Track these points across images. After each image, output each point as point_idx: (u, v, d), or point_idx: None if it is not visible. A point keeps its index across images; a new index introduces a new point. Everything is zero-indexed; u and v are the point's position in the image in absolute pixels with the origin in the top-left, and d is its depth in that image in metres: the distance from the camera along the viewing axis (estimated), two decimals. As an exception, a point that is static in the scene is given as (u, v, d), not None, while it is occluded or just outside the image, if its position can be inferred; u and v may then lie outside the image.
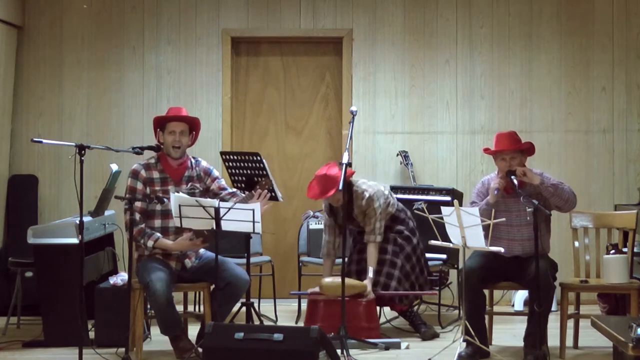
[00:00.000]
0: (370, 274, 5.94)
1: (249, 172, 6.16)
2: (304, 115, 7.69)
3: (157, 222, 5.54)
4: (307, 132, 7.68)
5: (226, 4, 7.55)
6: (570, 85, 7.50)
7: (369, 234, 6.02)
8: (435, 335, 6.06)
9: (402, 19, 7.52)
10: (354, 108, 5.96)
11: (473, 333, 5.23)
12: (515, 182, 5.39)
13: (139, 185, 5.53)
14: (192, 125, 5.67)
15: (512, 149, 5.50)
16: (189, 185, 5.60)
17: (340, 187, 5.65)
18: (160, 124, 5.63)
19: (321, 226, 6.80)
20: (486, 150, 5.66)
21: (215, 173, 5.76)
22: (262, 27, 7.55)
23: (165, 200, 5.45)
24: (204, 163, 5.75)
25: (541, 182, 5.41)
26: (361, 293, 5.88)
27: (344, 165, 5.62)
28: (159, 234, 5.48)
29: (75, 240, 5.74)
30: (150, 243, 5.44)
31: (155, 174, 5.59)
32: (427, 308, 7.08)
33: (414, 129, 7.51)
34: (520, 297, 6.99)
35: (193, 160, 5.71)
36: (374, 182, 6.20)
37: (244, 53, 7.68)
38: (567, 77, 7.50)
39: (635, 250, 5.99)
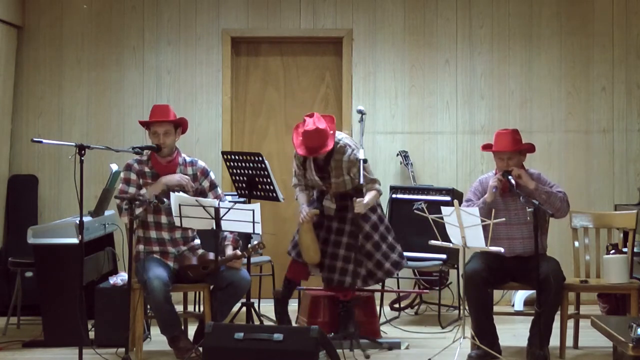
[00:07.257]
0: (366, 198, 5.61)
1: (250, 172, 6.16)
2: (304, 115, 7.66)
3: (150, 217, 5.56)
4: (307, 132, 7.66)
5: (226, 4, 7.55)
6: (570, 85, 7.50)
7: (369, 183, 5.68)
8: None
9: (402, 19, 7.52)
10: (361, 107, 5.94)
11: (475, 336, 5.23)
12: (513, 181, 5.39)
13: (132, 176, 5.57)
14: (177, 123, 5.64)
15: (509, 150, 5.50)
16: None
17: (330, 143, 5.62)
18: (145, 124, 5.63)
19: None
20: (484, 148, 5.66)
21: (212, 176, 5.72)
22: (262, 27, 7.55)
23: (165, 200, 5.44)
24: (201, 163, 5.72)
25: (535, 187, 5.41)
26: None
27: (361, 162, 5.55)
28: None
29: (75, 240, 5.74)
30: (138, 211, 5.33)
31: (147, 169, 5.61)
32: (427, 308, 7.08)
33: (414, 129, 7.51)
34: (520, 297, 6.98)
35: (187, 159, 5.69)
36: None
37: (244, 53, 7.68)
38: (567, 77, 7.50)
39: (635, 250, 6.00)
